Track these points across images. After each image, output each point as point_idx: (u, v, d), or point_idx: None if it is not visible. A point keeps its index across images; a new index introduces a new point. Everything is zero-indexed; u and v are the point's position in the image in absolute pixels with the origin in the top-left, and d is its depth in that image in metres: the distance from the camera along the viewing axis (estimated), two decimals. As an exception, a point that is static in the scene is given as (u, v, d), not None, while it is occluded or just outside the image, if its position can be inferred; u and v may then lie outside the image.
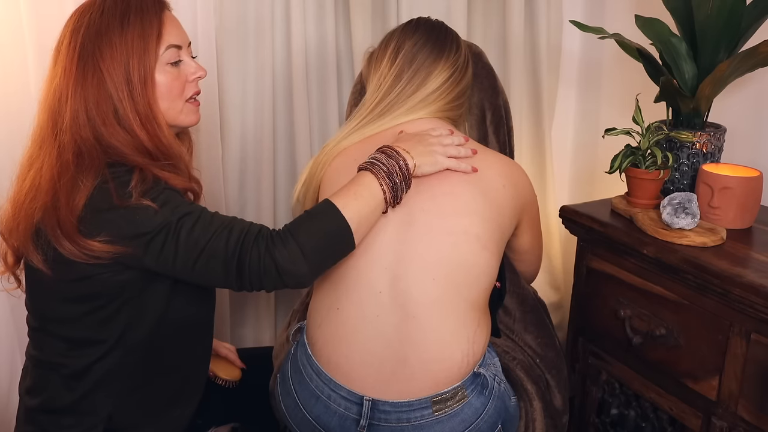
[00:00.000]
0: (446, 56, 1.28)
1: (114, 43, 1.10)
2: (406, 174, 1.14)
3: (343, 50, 1.88)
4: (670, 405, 1.41)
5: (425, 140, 1.19)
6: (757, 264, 1.27)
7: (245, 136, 1.83)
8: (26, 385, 1.22)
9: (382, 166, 1.13)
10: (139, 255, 1.07)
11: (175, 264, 1.07)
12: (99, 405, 1.17)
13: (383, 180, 1.13)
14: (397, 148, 1.16)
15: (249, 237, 1.06)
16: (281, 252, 1.04)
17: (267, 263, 1.05)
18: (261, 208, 1.86)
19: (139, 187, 1.07)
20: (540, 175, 2.10)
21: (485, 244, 1.18)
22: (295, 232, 1.06)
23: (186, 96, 1.19)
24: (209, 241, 1.06)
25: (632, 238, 1.42)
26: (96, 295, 1.12)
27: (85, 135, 1.10)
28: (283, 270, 1.05)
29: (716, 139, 1.52)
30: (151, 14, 1.13)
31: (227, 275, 1.07)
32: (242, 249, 1.05)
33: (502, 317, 1.46)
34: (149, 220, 1.06)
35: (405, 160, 1.15)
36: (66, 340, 1.16)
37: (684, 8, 1.51)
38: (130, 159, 1.10)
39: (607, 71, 2.04)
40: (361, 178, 1.14)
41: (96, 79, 1.10)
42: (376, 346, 1.18)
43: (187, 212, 1.07)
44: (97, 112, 1.10)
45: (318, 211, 1.10)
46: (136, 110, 1.12)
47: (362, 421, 1.18)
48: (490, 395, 1.20)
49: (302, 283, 1.08)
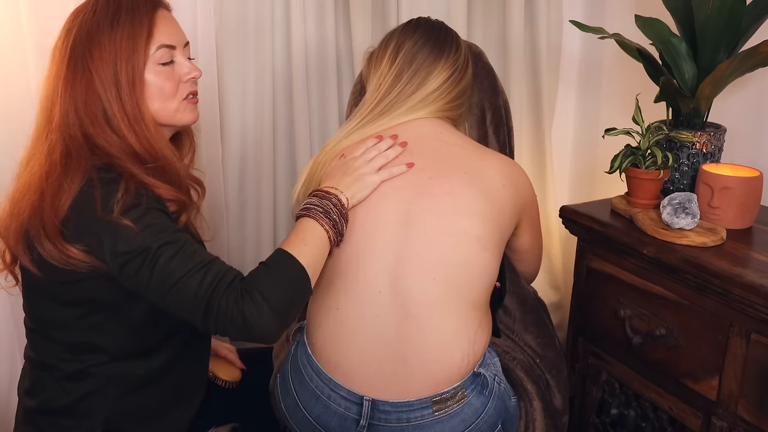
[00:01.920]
0: (446, 56, 1.28)
1: (103, 43, 1.10)
2: (341, 210, 1.16)
3: (343, 50, 1.88)
4: (670, 405, 1.41)
5: (350, 168, 1.21)
6: (757, 264, 1.27)
7: (245, 136, 1.83)
8: (25, 386, 1.22)
9: (318, 208, 1.14)
10: (114, 272, 1.06)
11: (147, 290, 1.06)
12: (96, 407, 1.17)
13: (323, 221, 1.13)
14: (326, 188, 1.18)
15: (222, 284, 1.03)
16: (249, 307, 1.01)
17: (234, 315, 1.01)
18: (261, 208, 1.86)
19: (123, 201, 1.05)
20: (540, 175, 2.10)
21: (485, 245, 1.18)
22: (260, 287, 1.03)
23: (181, 96, 1.18)
24: (183, 277, 1.03)
25: (632, 238, 1.42)
26: (85, 300, 1.12)
27: (73, 134, 1.10)
28: (252, 325, 1.01)
29: (716, 139, 1.52)
30: (141, 14, 1.12)
31: (194, 315, 1.04)
32: (213, 295, 1.02)
33: (502, 317, 1.46)
34: (129, 240, 1.04)
35: (337, 197, 1.16)
36: (60, 342, 1.16)
37: (684, 8, 1.51)
38: (117, 162, 1.10)
39: (607, 71, 2.04)
40: (303, 224, 1.13)
41: (85, 79, 1.10)
42: (376, 346, 1.18)
43: (169, 241, 1.05)
44: (86, 113, 1.10)
45: (278, 262, 1.08)
46: (124, 111, 1.11)
47: (362, 421, 1.18)
48: (490, 395, 1.20)
49: (270, 338, 1.04)
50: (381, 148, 1.23)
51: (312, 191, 1.19)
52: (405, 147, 1.23)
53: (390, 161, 1.22)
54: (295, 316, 1.10)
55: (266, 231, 1.87)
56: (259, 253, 1.88)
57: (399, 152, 1.22)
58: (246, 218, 1.88)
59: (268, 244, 1.88)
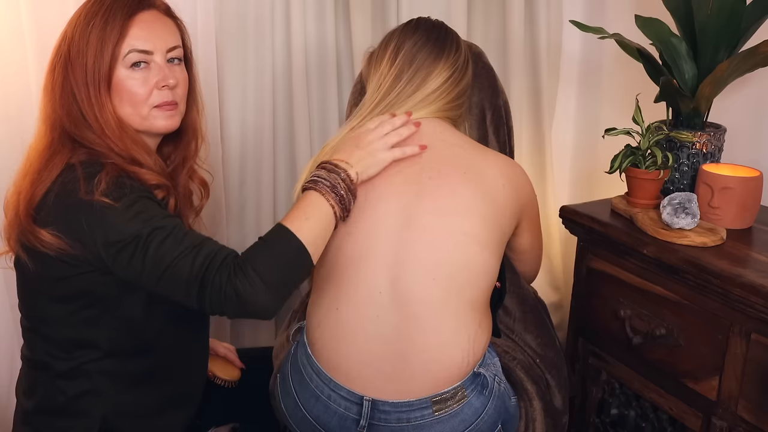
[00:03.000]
0: (446, 56, 1.28)
1: (79, 44, 1.11)
2: (350, 185, 1.13)
3: (343, 50, 1.88)
4: (670, 405, 1.41)
5: (362, 141, 1.18)
6: (757, 264, 1.27)
7: (245, 136, 1.83)
8: (22, 387, 1.23)
9: (325, 182, 1.12)
10: (107, 263, 1.06)
11: (140, 277, 1.06)
12: (92, 407, 1.16)
13: (329, 195, 1.11)
14: (336, 161, 1.15)
15: (214, 262, 1.03)
16: (243, 283, 1.01)
17: (228, 291, 1.01)
18: (261, 208, 1.86)
19: (106, 186, 1.06)
20: (540, 175, 2.10)
21: (485, 245, 1.18)
22: (254, 263, 1.03)
23: (152, 103, 1.15)
24: (176, 258, 1.03)
25: (632, 238, 1.42)
26: (78, 295, 1.12)
27: (56, 128, 1.12)
28: (246, 301, 1.01)
29: (716, 139, 1.52)
30: (117, 15, 1.12)
31: (188, 296, 1.04)
32: (206, 273, 1.02)
33: (502, 317, 1.46)
34: (120, 229, 1.04)
35: (346, 171, 1.14)
36: (54, 340, 1.16)
37: (684, 8, 1.51)
38: (101, 155, 1.11)
39: (607, 71, 2.04)
40: (308, 198, 1.11)
41: (62, 77, 1.12)
42: (376, 346, 1.18)
43: (160, 226, 1.05)
44: (65, 111, 1.12)
45: (274, 238, 1.07)
46: (95, 113, 1.12)
47: (362, 421, 1.18)
48: (490, 395, 1.20)
49: (266, 314, 1.04)
50: (395, 123, 1.21)
51: (321, 163, 1.17)
52: (419, 127, 1.22)
53: (404, 140, 1.20)
54: (292, 292, 1.09)
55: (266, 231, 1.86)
56: (259, 253, 1.88)
57: (413, 131, 1.21)
58: (246, 218, 1.88)
59: (268, 244, 1.88)
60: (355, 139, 1.20)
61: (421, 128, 1.25)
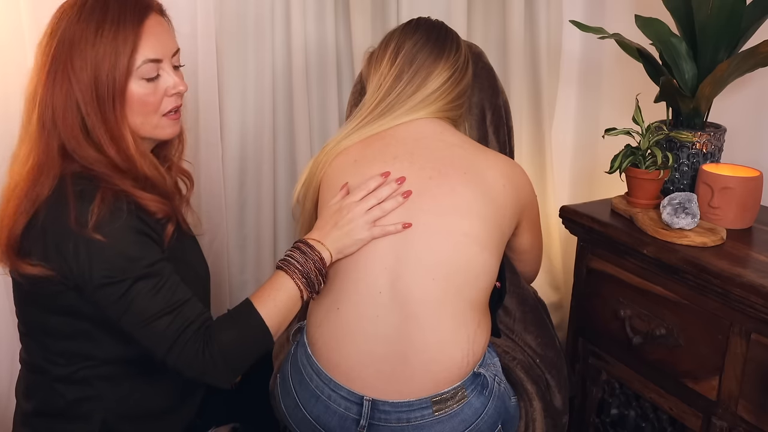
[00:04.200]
0: (446, 56, 1.28)
1: (86, 53, 1.05)
2: (321, 268, 1.16)
3: (343, 50, 1.88)
4: (670, 405, 1.41)
5: (342, 219, 1.17)
6: (757, 264, 1.27)
7: (245, 136, 1.83)
8: (21, 389, 1.22)
9: (297, 265, 1.15)
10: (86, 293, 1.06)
11: (117, 320, 1.07)
12: (92, 410, 1.16)
13: (298, 279, 1.14)
14: (312, 242, 1.17)
15: (188, 331, 1.07)
16: (206, 361, 1.07)
17: (192, 362, 1.07)
18: (261, 208, 1.86)
19: (98, 213, 1.03)
20: (540, 175, 2.10)
21: (485, 245, 1.18)
22: (221, 342, 1.07)
23: (163, 111, 1.13)
24: (154, 316, 1.05)
25: (632, 238, 1.42)
26: (71, 310, 1.11)
27: (50, 144, 1.07)
28: (204, 375, 1.08)
29: (716, 139, 1.52)
30: (127, 24, 1.07)
31: (156, 351, 1.08)
32: (178, 339, 1.06)
33: (502, 317, 1.46)
34: (106, 267, 1.04)
35: (320, 255, 1.16)
36: (51, 347, 1.15)
37: (684, 8, 1.51)
38: (96, 171, 1.07)
39: (607, 71, 2.04)
40: (278, 279, 1.15)
41: (65, 89, 1.06)
42: (376, 346, 1.18)
43: (147, 275, 1.05)
44: (64, 123, 1.07)
45: (243, 319, 1.11)
46: (105, 125, 1.08)
47: (362, 421, 1.18)
48: (490, 395, 1.20)
49: (217, 385, 1.12)
50: (380, 195, 1.18)
51: (298, 241, 1.18)
52: (408, 197, 1.18)
53: (386, 214, 1.18)
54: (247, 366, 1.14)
55: (266, 231, 1.87)
56: (259, 253, 1.88)
57: (398, 204, 1.18)
58: (246, 218, 1.88)
59: (268, 244, 1.88)
60: (336, 215, 1.19)
61: (422, 128, 1.26)
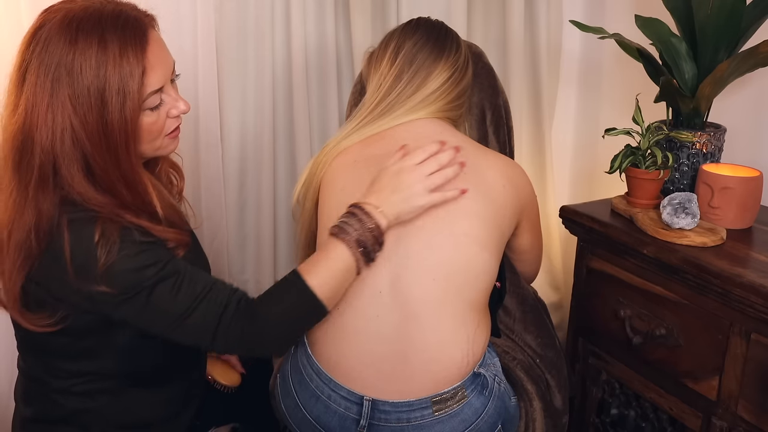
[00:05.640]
0: (446, 56, 1.28)
1: (92, 90, 0.96)
2: (378, 237, 1.10)
3: (343, 50, 1.88)
4: (670, 405, 1.41)
5: (402, 184, 1.12)
6: (757, 264, 1.27)
7: (245, 136, 1.83)
8: (20, 393, 1.21)
9: (353, 233, 1.08)
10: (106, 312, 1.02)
11: (148, 327, 1.04)
12: (92, 420, 1.15)
13: (354, 249, 1.08)
14: (368, 207, 1.10)
15: (227, 314, 1.03)
16: (253, 331, 1.04)
17: (240, 341, 1.04)
18: (261, 208, 1.86)
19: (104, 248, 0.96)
20: (540, 175, 2.10)
21: (485, 245, 1.18)
22: (267, 313, 1.04)
23: (166, 132, 1.08)
24: (186, 312, 1.02)
25: (632, 238, 1.42)
26: (71, 331, 1.08)
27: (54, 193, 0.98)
28: (255, 348, 1.06)
29: (716, 139, 1.52)
30: (129, 56, 0.98)
31: (199, 343, 1.06)
32: (219, 325, 1.03)
33: (502, 317, 1.46)
34: (121, 283, 0.98)
35: (377, 222, 1.09)
36: (49, 364, 1.13)
37: (684, 8, 1.51)
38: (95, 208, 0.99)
39: (607, 71, 2.04)
40: (332, 249, 1.09)
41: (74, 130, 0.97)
42: (376, 345, 1.18)
43: (165, 276, 1.01)
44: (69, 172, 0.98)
45: (289, 290, 1.07)
46: (119, 170, 1.00)
47: (362, 421, 1.18)
48: (490, 395, 1.20)
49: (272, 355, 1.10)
50: (441, 161, 1.14)
51: (352, 205, 1.12)
52: (463, 167, 1.15)
53: (447, 181, 1.14)
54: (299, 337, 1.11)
55: (266, 231, 1.87)
56: (259, 253, 1.88)
57: (457, 172, 1.15)
58: (246, 218, 1.88)
59: (268, 244, 1.88)
60: (395, 179, 1.13)
61: (422, 128, 1.25)
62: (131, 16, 1.02)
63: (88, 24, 0.98)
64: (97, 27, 0.98)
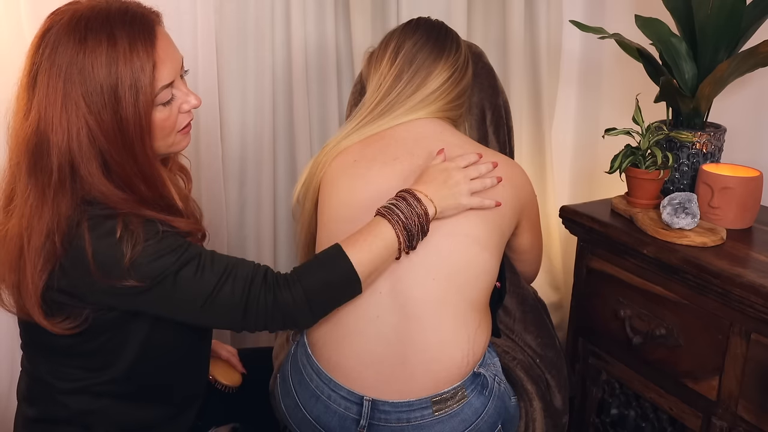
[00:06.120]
0: (446, 56, 1.28)
1: (105, 90, 0.96)
2: (424, 224, 1.11)
3: (343, 50, 1.88)
4: (670, 405, 1.41)
5: (451, 179, 1.15)
6: (757, 264, 1.27)
7: (245, 136, 1.83)
8: (23, 393, 1.20)
9: (401, 215, 1.09)
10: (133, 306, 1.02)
11: (176, 314, 1.04)
12: (96, 421, 1.15)
13: (399, 231, 1.09)
14: (419, 194, 1.12)
15: (255, 286, 1.03)
16: (287, 300, 1.03)
17: (273, 312, 1.04)
18: (261, 208, 1.86)
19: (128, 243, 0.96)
20: (540, 175, 2.10)
21: (485, 245, 1.18)
22: (304, 282, 1.04)
23: (178, 128, 1.09)
24: (212, 292, 1.01)
25: (632, 238, 1.42)
26: (82, 331, 1.07)
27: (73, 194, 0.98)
28: (288, 318, 1.05)
29: (716, 139, 1.52)
30: (140, 51, 0.98)
31: (231, 322, 1.05)
32: (249, 298, 1.03)
33: (502, 317, 1.46)
34: (143, 273, 0.98)
35: (425, 209, 1.11)
36: (52, 363, 1.13)
37: (684, 8, 1.51)
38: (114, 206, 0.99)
39: (607, 71, 2.04)
40: (377, 227, 1.10)
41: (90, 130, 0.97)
42: (376, 346, 1.18)
43: (187, 261, 1.01)
44: (86, 166, 0.98)
45: (329, 262, 1.07)
46: (137, 165, 1.01)
47: (362, 421, 1.18)
48: (490, 395, 1.20)
49: (304, 328, 1.09)
50: (481, 170, 1.18)
51: (403, 190, 1.13)
52: (499, 182, 1.19)
53: (485, 189, 1.17)
54: (333, 310, 1.11)
55: (266, 231, 1.87)
56: (259, 253, 1.88)
57: (494, 184, 1.18)
58: (246, 218, 1.88)
59: (268, 244, 1.88)
60: (444, 174, 1.15)
61: (422, 128, 1.26)
62: (138, 12, 1.02)
63: (96, 22, 0.98)
64: (106, 25, 0.98)
